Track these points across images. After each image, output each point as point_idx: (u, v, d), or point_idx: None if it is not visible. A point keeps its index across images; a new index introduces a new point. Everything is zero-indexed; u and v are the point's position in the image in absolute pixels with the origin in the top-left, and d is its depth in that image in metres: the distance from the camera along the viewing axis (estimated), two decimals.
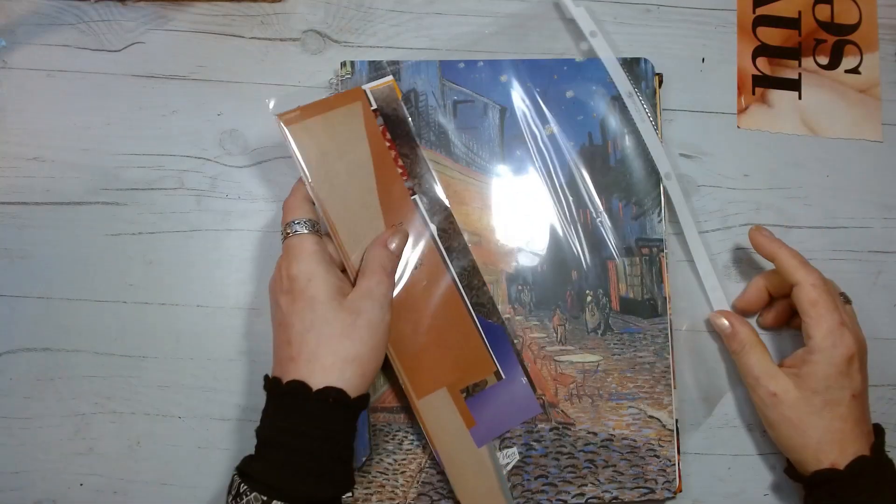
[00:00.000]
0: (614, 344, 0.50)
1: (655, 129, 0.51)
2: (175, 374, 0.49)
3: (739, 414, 0.51)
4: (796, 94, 0.55)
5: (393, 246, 0.44)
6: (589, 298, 0.50)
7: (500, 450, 0.48)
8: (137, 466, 0.49)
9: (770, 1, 0.56)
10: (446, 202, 0.48)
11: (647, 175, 0.51)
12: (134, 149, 0.51)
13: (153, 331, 0.50)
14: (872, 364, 0.52)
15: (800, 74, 0.55)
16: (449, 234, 0.48)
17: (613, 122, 0.51)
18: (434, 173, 0.48)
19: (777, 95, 0.55)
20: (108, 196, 0.51)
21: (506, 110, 0.51)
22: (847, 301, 0.49)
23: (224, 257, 0.51)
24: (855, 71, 0.56)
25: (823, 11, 0.56)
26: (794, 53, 0.55)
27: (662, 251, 0.51)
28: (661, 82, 0.53)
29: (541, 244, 0.50)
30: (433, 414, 0.47)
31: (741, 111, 0.54)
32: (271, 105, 0.46)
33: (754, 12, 0.55)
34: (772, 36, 0.55)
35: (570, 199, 0.51)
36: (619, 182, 0.51)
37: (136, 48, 0.52)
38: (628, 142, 0.51)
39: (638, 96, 0.50)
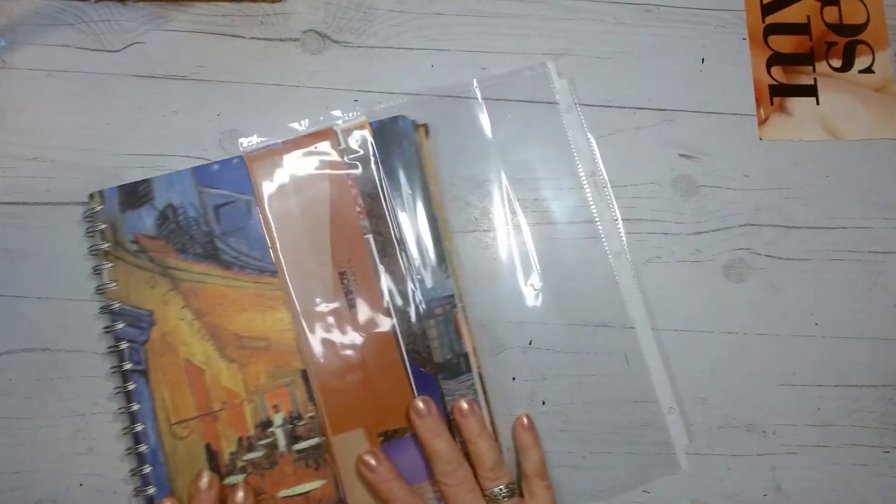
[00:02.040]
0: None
1: (430, 194, 0.49)
2: None
3: (739, 414, 0.51)
4: (814, 99, 0.55)
5: None
6: None
7: None
8: None
9: (778, 9, 0.56)
10: (406, 244, 0.48)
11: (426, 235, 0.49)
12: (134, 149, 0.51)
13: None
14: (873, 364, 0.52)
15: (815, 80, 0.55)
16: (397, 276, 0.48)
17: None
18: (399, 215, 0.48)
19: (795, 103, 0.55)
20: None
21: None
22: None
23: None
24: (868, 70, 0.56)
25: (832, 14, 0.56)
26: (807, 59, 0.55)
27: (455, 307, 0.48)
28: (427, 133, 0.51)
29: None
30: (346, 453, 0.46)
31: (762, 122, 0.54)
32: (243, 144, 0.50)
33: (764, 21, 0.55)
34: (783, 44, 0.55)
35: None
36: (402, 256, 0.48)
37: (136, 48, 0.52)
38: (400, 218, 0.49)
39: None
